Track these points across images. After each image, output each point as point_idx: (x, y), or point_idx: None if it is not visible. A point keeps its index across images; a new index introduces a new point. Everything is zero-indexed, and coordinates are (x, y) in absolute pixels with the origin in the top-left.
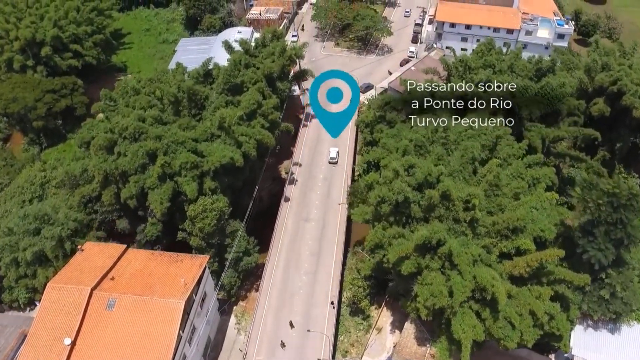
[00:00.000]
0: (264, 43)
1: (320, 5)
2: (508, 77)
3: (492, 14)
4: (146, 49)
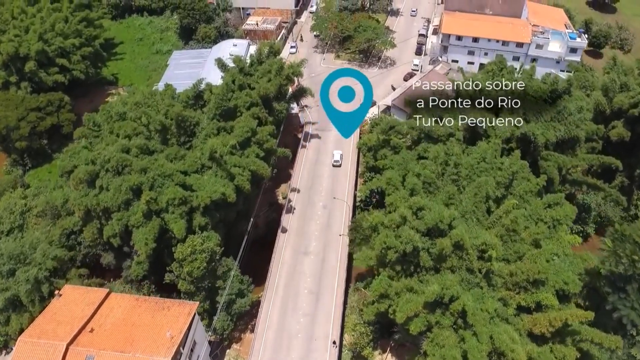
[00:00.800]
0: (260, 59)
1: (320, 15)
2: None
3: (500, 26)
4: (139, 60)
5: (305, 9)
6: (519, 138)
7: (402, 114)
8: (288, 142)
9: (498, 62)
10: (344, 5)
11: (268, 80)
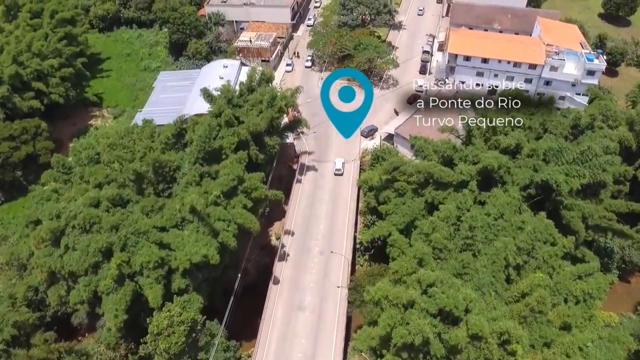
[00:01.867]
0: (251, 87)
1: (318, 30)
2: (543, 142)
3: (512, 45)
4: (126, 77)
5: (302, 21)
6: (539, 184)
7: (407, 144)
8: (282, 174)
9: (515, 94)
10: (343, 20)
11: (259, 112)
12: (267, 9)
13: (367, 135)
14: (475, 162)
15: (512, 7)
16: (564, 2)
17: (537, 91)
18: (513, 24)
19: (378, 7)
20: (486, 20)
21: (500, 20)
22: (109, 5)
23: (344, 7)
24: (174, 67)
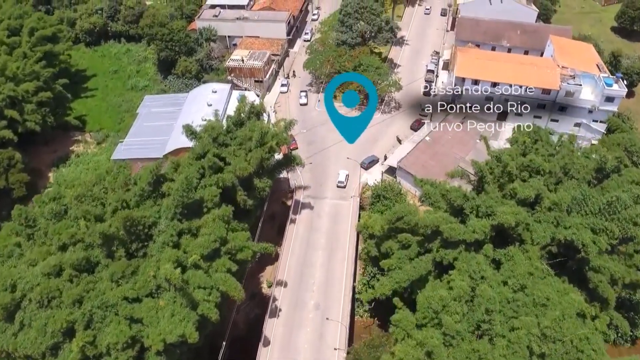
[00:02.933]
0: (240, 120)
1: (315, 48)
2: (565, 194)
3: (524, 68)
4: (111, 97)
5: (298, 36)
6: (561, 242)
7: (410, 178)
8: (275, 210)
9: (533, 132)
10: (341, 39)
11: (248, 151)
12: (262, 23)
13: (367, 167)
14: (488, 213)
15: (522, 22)
16: (574, 16)
17: (551, 117)
18: (523, 41)
19: (379, 24)
20: (494, 37)
21: (509, 37)
22: (96, 18)
23: (343, 24)
24: (163, 86)
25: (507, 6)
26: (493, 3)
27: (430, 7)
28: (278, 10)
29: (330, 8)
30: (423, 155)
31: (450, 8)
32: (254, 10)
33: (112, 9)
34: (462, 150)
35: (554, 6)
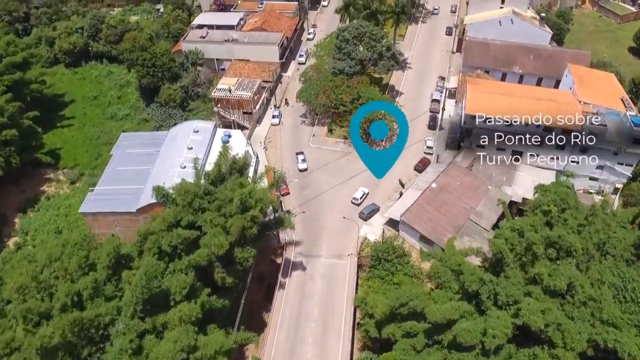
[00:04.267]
0: (221, 175)
1: (309, 76)
2: (606, 290)
3: (542, 105)
4: (89, 128)
5: (292, 57)
6: (599, 347)
7: (415, 233)
8: (262, 271)
9: (559, 199)
10: (338, 67)
11: (228, 216)
12: (252, 46)
13: (367, 218)
14: (509, 303)
15: (535, 46)
16: (588, 35)
17: (571, 159)
18: (537, 67)
19: (380, 51)
20: (505, 62)
21: (521, 63)
22: (76, 38)
23: (340, 50)
24: (145, 114)
25: (519, 28)
26: (503, 24)
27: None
28: (270, 31)
29: (328, 26)
30: (429, 206)
31: (457, 29)
32: (245, 30)
33: (93, 27)
34: (473, 199)
35: (567, 25)
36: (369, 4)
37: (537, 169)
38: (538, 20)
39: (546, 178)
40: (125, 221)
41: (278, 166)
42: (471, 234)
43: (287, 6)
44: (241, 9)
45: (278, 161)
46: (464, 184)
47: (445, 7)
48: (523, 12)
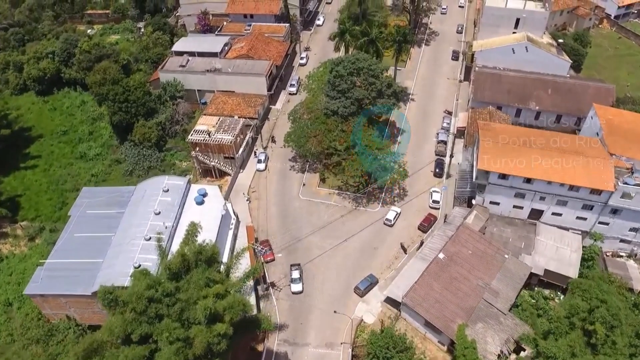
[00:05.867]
0: (187, 264)
1: (300, 115)
2: None
3: (567, 159)
4: (55, 169)
5: (283, 87)
6: None
7: (419, 317)
8: None
9: (609, 315)
10: (332, 108)
11: (189, 326)
12: (237, 77)
13: (363, 294)
14: None
15: (553, 77)
16: (608, 60)
17: (599, 220)
18: (555, 102)
19: (379, 87)
20: (520, 97)
21: (538, 97)
22: (47, 63)
23: (334, 88)
24: (118, 154)
25: (534, 56)
26: (517, 51)
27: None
28: (257, 58)
29: (322, 49)
30: (435, 283)
31: (465, 56)
32: (230, 57)
33: (66, 52)
34: (487, 272)
35: (585, 49)
36: (368, 31)
37: (560, 231)
38: (555, 47)
39: (571, 243)
40: (80, 303)
41: (262, 223)
42: (485, 319)
43: (277, 29)
44: (227, 32)
45: (262, 218)
46: (476, 252)
47: (451, 26)
48: (538, 38)
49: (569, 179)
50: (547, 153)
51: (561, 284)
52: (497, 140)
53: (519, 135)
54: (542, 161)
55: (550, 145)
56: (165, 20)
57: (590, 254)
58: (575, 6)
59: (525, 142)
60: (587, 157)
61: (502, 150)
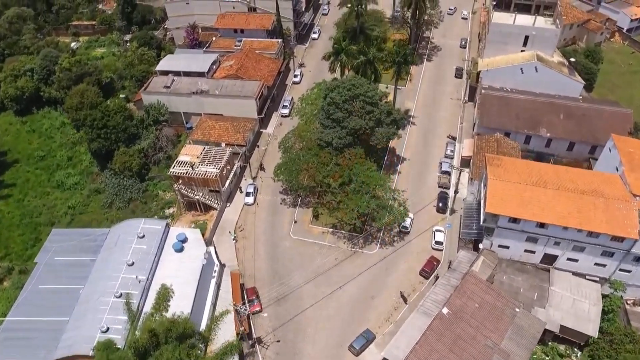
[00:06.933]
0: (156, 342)
1: (291, 144)
2: None
3: (584, 202)
4: (31, 199)
5: (275, 109)
6: None
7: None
8: None
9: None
10: (325, 139)
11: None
12: (225, 100)
13: (358, 353)
14: None
15: (565, 100)
16: (621, 77)
17: (620, 267)
18: (568, 129)
19: (378, 116)
20: (530, 123)
21: (549, 123)
22: (25, 81)
23: (328, 116)
24: (98, 184)
25: (544, 76)
26: (525, 71)
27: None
28: (247, 79)
29: (318, 65)
30: (439, 343)
31: (469, 76)
32: (218, 77)
33: (45, 69)
34: (496, 330)
35: (597, 66)
36: (365, 51)
37: (576, 280)
38: (566, 66)
39: (589, 294)
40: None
41: (249, 266)
42: None
43: (269, 45)
44: (216, 48)
45: (249, 260)
46: (484, 305)
47: (454, 40)
48: (549, 56)
49: (587, 224)
50: (562, 194)
51: (579, 341)
52: (506, 178)
53: (530, 171)
54: (557, 203)
55: (566, 185)
56: (152, 34)
57: (611, 305)
58: (585, 19)
59: (539, 181)
60: (607, 199)
61: (512, 191)
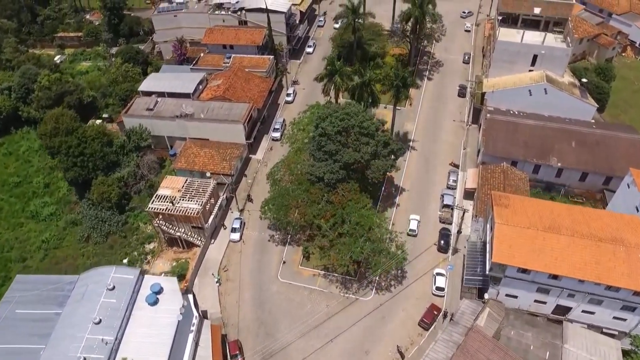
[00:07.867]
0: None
1: (280, 176)
2: None
3: (602, 251)
4: (2, 231)
5: (265, 132)
6: None
7: None
8: None
9: None
10: (316, 174)
11: None
12: (211, 124)
13: None
14: None
15: (578, 126)
16: (634, 95)
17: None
18: (581, 158)
19: (375, 148)
20: (539, 151)
21: (560, 152)
22: (2, 100)
23: (319, 148)
24: (75, 214)
25: (554, 98)
26: (534, 93)
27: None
28: (235, 100)
29: (312, 83)
30: None
31: (473, 97)
32: (204, 98)
33: (24, 88)
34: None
35: (609, 84)
36: (362, 72)
37: (593, 336)
38: (578, 88)
39: (608, 354)
40: None
41: (233, 313)
42: None
43: (260, 62)
44: (204, 65)
45: (233, 307)
46: None
47: (457, 54)
48: (559, 77)
49: (606, 277)
50: (578, 242)
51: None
52: (515, 222)
53: (541, 213)
54: (572, 252)
55: (581, 229)
56: (138, 49)
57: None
58: (596, 34)
59: (551, 226)
60: (628, 247)
61: (522, 238)
